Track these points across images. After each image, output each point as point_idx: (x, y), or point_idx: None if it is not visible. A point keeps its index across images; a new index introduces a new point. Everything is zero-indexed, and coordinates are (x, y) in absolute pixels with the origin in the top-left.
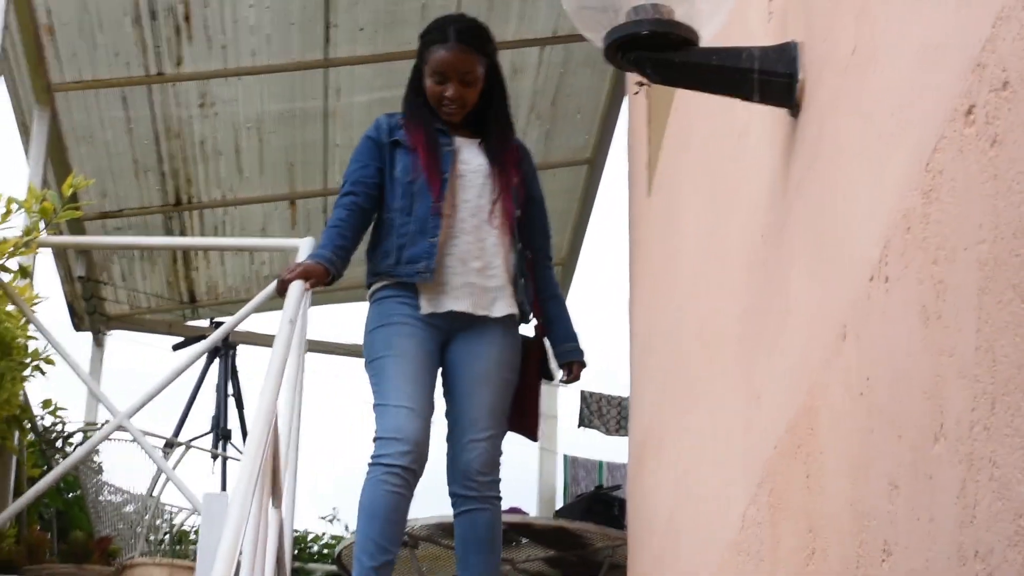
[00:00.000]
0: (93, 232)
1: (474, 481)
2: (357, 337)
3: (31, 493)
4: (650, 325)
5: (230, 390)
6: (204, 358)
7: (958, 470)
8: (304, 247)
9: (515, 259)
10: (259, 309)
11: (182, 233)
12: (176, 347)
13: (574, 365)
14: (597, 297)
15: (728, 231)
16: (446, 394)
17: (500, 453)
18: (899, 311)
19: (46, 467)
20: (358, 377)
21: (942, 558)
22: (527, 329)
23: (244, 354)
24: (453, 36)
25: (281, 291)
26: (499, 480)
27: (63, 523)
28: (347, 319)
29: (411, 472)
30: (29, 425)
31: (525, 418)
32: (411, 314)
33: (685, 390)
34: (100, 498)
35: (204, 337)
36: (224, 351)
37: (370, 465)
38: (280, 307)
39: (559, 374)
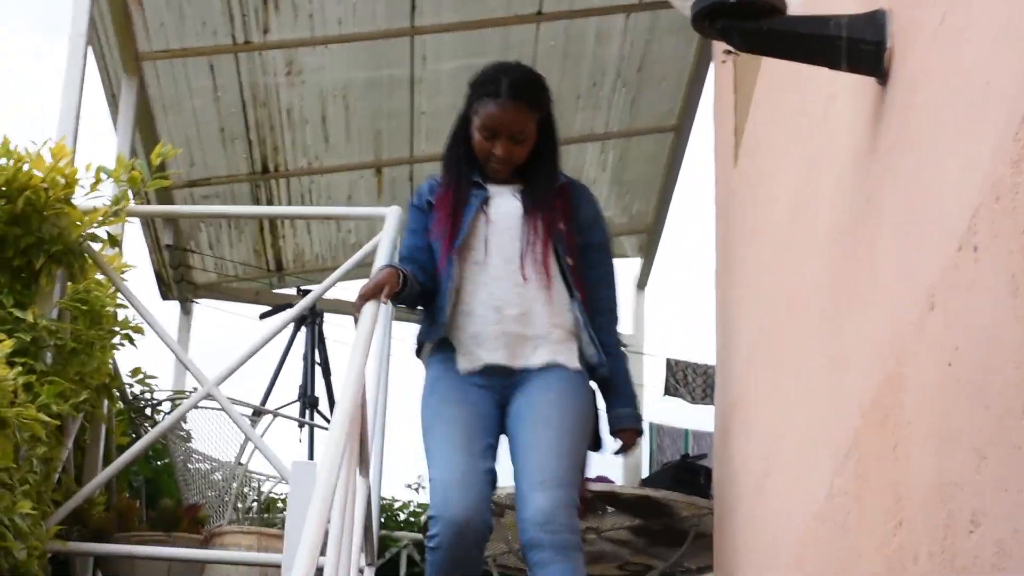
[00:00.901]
0: (180, 201)
1: (542, 531)
2: None
3: (120, 461)
4: (737, 294)
5: (317, 358)
6: (291, 326)
7: None
8: (391, 216)
9: (571, 310)
10: (346, 277)
11: (269, 201)
12: (263, 316)
13: (628, 433)
14: (683, 265)
15: (815, 200)
16: (512, 458)
17: (573, 503)
18: (988, 281)
19: (135, 435)
20: None
21: None
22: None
23: (331, 322)
24: (506, 91)
25: (357, 313)
26: (576, 529)
27: (152, 491)
28: None
29: (462, 549)
30: (118, 394)
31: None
32: (456, 376)
33: (772, 359)
34: (188, 466)
35: (291, 305)
36: (311, 319)
37: (426, 545)
38: (367, 275)
39: (610, 444)
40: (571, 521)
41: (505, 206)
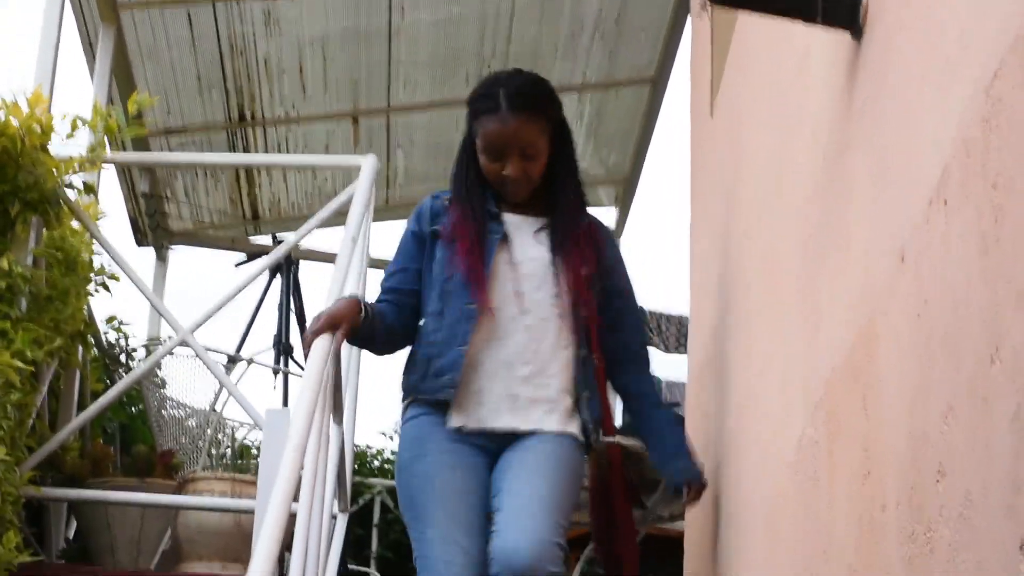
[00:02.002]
0: (157, 148)
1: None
2: None
3: (95, 407)
4: (711, 246)
5: (292, 306)
6: (266, 274)
7: (1014, 394)
8: (366, 165)
9: (578, 367)
10: (321, 225)
11: (245, 150)
12: (239, 264)
13: (692, 486)
14: (658, 216)
15: (790, 154)
16: (492, 508)
17: (558, 551)
18: (958, 236)
19: (109, 382)
20: None
21: (996, 481)
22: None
23: (306, 270)
24: (505, 104)
25: (306, 349)
26: None
27: (126, 437)
28: None
29: None
30: (93, 340)
31: (620, 563)
32: (447, 436)
33: (746, 312)
34: (163, 412)
35: (266, 253)
36: (286, 267)
37: None
38: (343, 223)
39: (664, 500)
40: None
41: (531, 248)
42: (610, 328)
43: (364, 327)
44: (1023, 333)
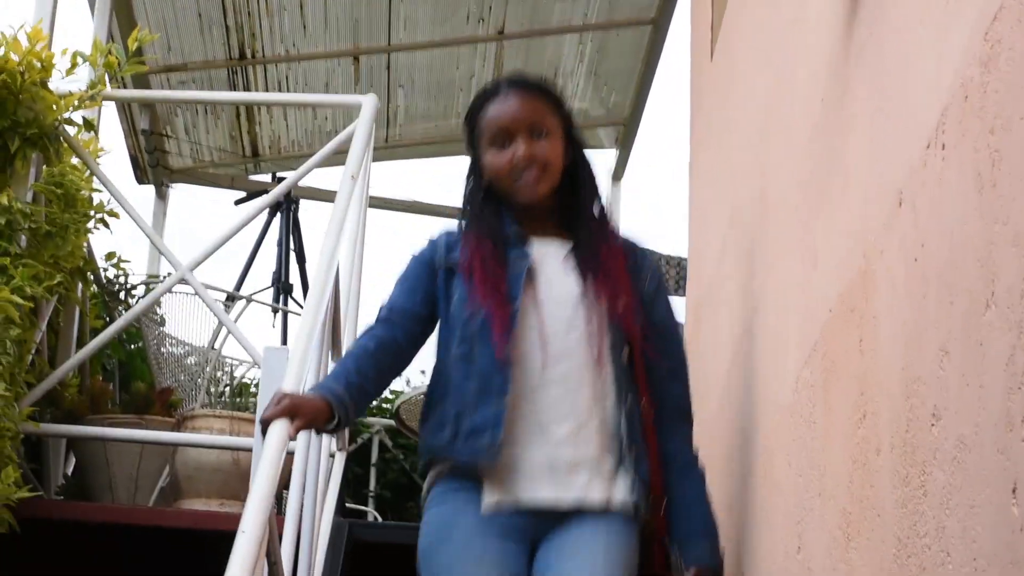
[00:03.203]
0: (157, 86)
1: None
2: (419, 193)
3: (94, 344)
4: (710, 188)
5: (292, 245)
6: (266, 212)
7: (1008, 337)
8: (367, 104)
9: (622, 419)
10: (321, 164)
11: (246, 88)
12: (238, 202)
13: (701, 571)
14: (658, 158)
15: (789, 96)
16: None
17: None
18: (955, 179)
19: (108, 319)
20: (419, 233)
21: (990, 424)
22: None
23: (306, 209)
24: (507, 85)
25: (264, 429)
26: None
27: (125, 374)
28: (409, 174)
29: None
30: (92, 277)
31: None
32: (476, 520)
33: (744, 253)
34: (162, 350)
35: (266, 191)
36: (286, 206)
37: None
38: (343, 162)
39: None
40: None
41: (558, 282)
42: (650, 370)
43: (346, 419)
44: (1018, 277)
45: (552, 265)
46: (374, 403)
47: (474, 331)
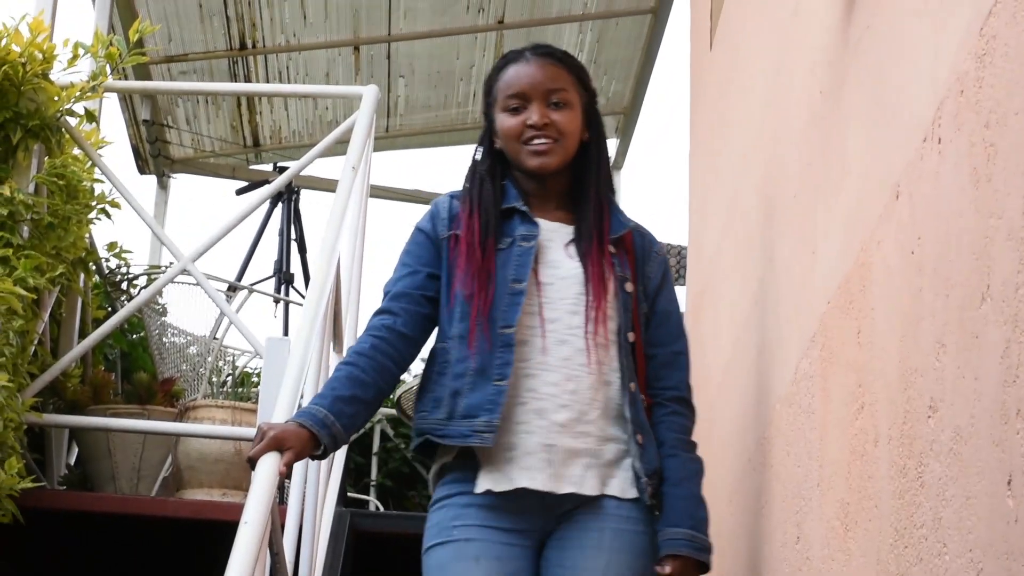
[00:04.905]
0: (158, 76)
1: None
2: (420, 183)
3: (96, 334)
4: (710, 178)
5: (293, 235)
6: (267, 202)
7: (1003, 330)
8: (367, 95)
9: (628, 404)
10: (323, 154)
11: (246, 78)
12: (240, 191)
13: (679, 562)
14: (658, 147)
15: (788, 87)
16: None
17: None
18: (951, 173)
19: (111, 309)
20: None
21: (985, 416)
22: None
23: (307, 199)
24: (531, 50)
25: (251, 465)
26: None
27: (127, 364)
28: (411, 164)
29: None
30: (95, 267)
31: None
32: (475, 515)
33: (744, 243)
34: (164, 340)
35: (268, 182)
36: (287, 196)
37: None
38: (344, 152)
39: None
40: None
41: (562, 263)
42: (648, 357)
43: (333, 442)
44: (1013, 271)
45: (556, 247)
46: None
47: (481, 312)
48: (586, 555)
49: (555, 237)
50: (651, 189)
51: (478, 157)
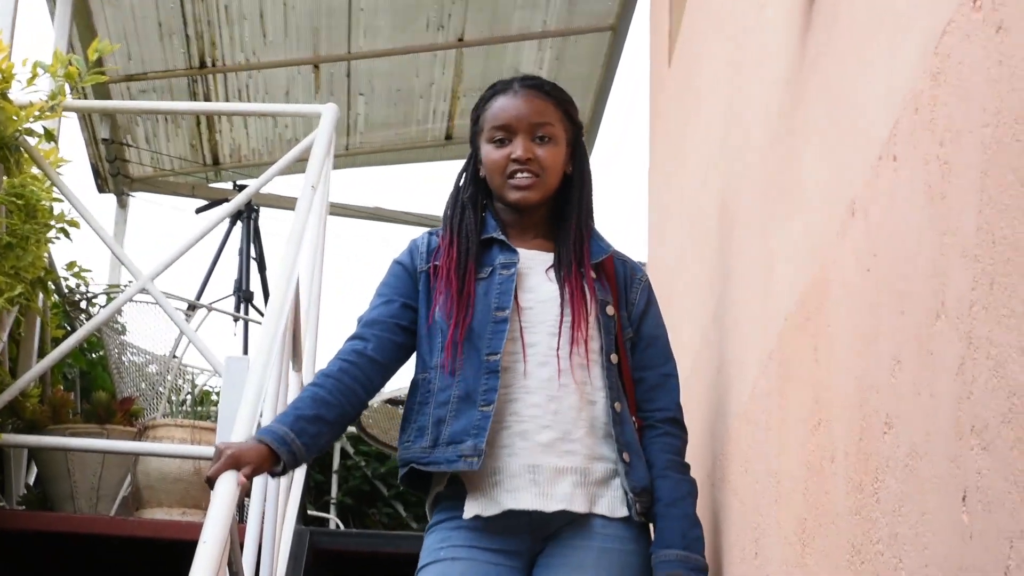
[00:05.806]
0: (118, 95)
1: None
2: (381, 200)
3: (55, 354)
4: (669, 194)
5: (252, 253)
6: (227, 221)
7: (958, 347)
8: (327, 113)
9: (612, 423)
10: (282, 172)
11: (206, 96)
12: (199, 210)
13: None
14: (618, 164)
15: (746, 105)
16: None
17: None
18: (906, 190)
19: (70, 328)
20: (380, 240)
21: (940, 432)
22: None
23: (267, 217)
24: (519, 82)
25: (210, 485)
26: None
27: (86, 383)
28: (370, 181)
29: None
30: (53, 287)
31: None
32: (464, 537)
33: (702, 259)
34: (123, 359)
35: (227, 200)
36: (247, 214)
37: None
38: (303, 170)
39: None
40: None
41: (541, 288)
42: (636, 381)
43: (293, 459)
44: (967, 288)
45: (536, 272)
46: None
47: (457, 338)
48: (571, 574)
49: (534, 264)
50: (610, 206)
51: (461, 184)
